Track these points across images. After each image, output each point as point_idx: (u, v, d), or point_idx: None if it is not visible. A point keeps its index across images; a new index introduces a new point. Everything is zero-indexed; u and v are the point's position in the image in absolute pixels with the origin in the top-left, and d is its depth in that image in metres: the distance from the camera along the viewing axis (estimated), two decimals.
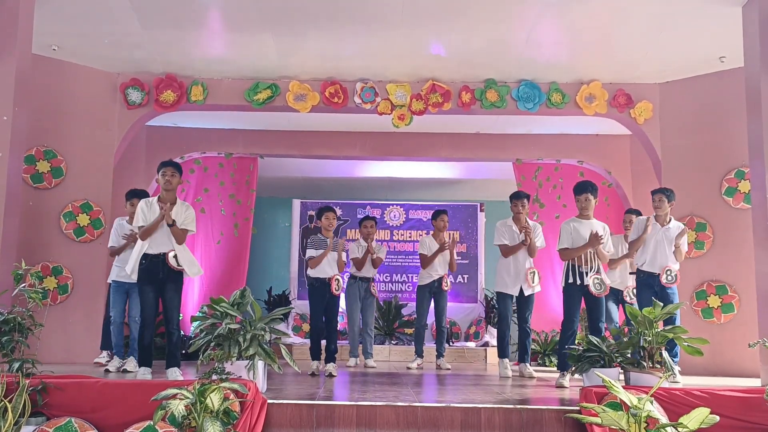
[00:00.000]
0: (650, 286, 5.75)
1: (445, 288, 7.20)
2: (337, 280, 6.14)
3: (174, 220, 5.01)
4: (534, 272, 6.28)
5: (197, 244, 8.80)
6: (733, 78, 6.21)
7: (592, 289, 5.36)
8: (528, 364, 6.29)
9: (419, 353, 7.32)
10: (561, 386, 5.39)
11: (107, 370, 5.69)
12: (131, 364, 5.85)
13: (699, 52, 6.22)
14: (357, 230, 8.07)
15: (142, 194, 6.10)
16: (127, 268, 5.18)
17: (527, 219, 6.42)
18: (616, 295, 6.47)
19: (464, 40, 6.11)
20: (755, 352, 4.89)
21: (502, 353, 6.38)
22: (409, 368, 7.08)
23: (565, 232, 5.49)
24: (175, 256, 5.01)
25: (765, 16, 5.05)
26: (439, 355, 7.24)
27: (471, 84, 6.93)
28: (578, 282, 5.39)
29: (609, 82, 6.92)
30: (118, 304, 5.97)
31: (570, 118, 7.42)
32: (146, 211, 5.08)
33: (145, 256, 5.02)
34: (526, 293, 6.26)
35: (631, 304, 6.16)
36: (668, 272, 5.74)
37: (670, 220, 5.90)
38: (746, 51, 5.35)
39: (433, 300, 7.22)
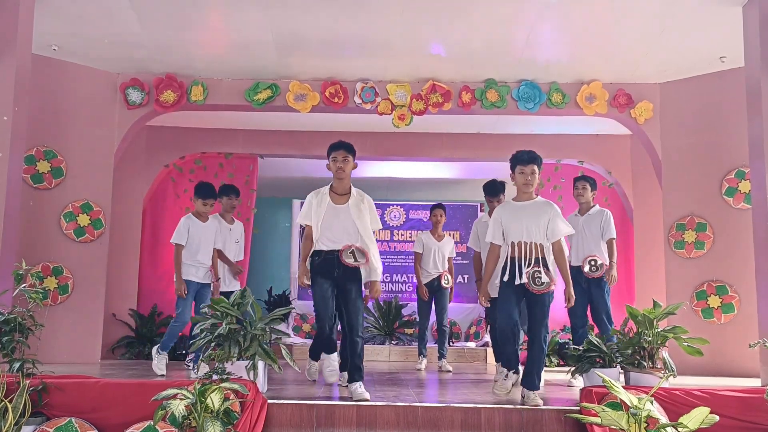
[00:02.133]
0: (577, 282, 5.42)
1: (445, 285, 7.02)
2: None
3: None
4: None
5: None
6: (733, 78, 6.21)
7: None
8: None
9: (422, 353, 7.20)
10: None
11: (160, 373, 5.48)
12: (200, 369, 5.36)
13: (699, 52, 6.22)
14: None
15: (225, 191, 6.14)
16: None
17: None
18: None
19: (464, 40, 6.11)
20: (755, 352, 4.89)
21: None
22: (419, 369, 6.99)
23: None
24: (353, 252, 4.46)
25: (765, 16, 5.05)
26: (441, 355, 7.10)
27: (471, 84, 6.93)
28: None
29: (609, 82, 6.92)
30: (186, 304, 5.61)
31: (570, 118, 7.41)
32: (314, 204, 4.59)
33: (318, 252, 4.56)
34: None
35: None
36: (591, 262, 5.58)
37: (591, 207, 5.84)
38: (746, 51, 5.35)
39: (433, 299, 7.09)
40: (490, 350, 8.57)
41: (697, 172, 6.57)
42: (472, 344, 9.13)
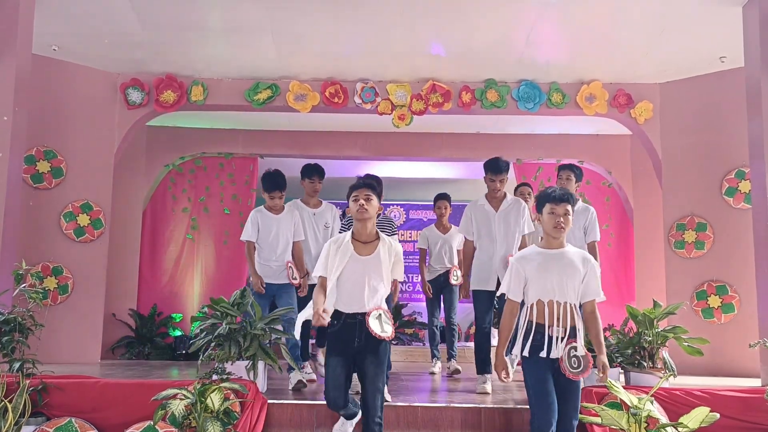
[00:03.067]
0: None
1: (453, 282, 6.56)
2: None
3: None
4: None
5: (199, 244, 8.81)
6: (733, 78, 6.21)
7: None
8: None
9: (435, 354, 6.77)
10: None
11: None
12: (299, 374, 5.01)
13: (699, 52, 6.22)
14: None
15: (307, 172, 5.66)
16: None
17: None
18: None
19: (464, 40, 6.11)
20: (755, 352, 4.89)
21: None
22: (432, 373, 6.58)
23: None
24: (380, 317, 3.65)
25: (765, 16, 5.05)
26: (450, 356, 6.57)
27: (471, 84, 6.93)
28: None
29: (609, 82, 6.91)
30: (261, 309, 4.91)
31: (570, 118, 7.41)
32: (332, 253, 3.72)
33: (336, 315, 3.69)
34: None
35: None
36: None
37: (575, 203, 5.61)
38: (746, 51, 5.35)
39: (442, 296, 6.69)
40: (492, 351, 8.56)
41: (697, 172, 6.56)
42: (472, 344, 9.11)
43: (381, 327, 3.59)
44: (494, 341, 8.31)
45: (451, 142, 8.65)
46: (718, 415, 3.51)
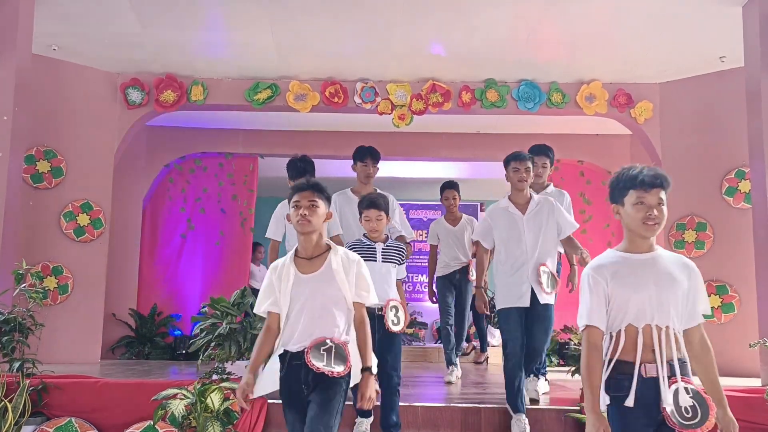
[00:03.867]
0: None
1: (472, 279, 5.88)
2: (395, 307, 4.04)
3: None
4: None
5: (198, 244, 8.81)
6: (733, 78, 6.21)
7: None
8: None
9: (452, 361, 5.90)
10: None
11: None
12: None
13: (699, 52, 6.22)
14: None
15: (360, 155, 4.96)
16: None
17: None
18: None
19: (464, 40, 6.11)
20: (755, 352, 4.89)
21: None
22: (449, 382, 5.72)
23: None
24: (328, 350, 2.81)
25: (765, 16, 5.05)
26: (483, 348, 6.32)
27: (471, 84, 6.93)
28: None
29: (609, 82, 6.91)
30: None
31: (570, 117, 7.41)
32: (275, 280, 2.93)
33: (282, 356, 2.91)
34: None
35: None
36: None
37: (547, 187, 5.23)
38: (746, 51, 5.35)
39: (455, 293, 6.05)
40: (490, 350, 8.56)
41: (697, 172, 6.56)
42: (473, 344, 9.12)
43: (327, 360, 2.74)
44: (493, 341, 8.37)
45: (451, 142, 8.64)
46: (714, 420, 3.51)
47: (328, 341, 2.78)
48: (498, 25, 5.82)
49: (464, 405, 4.36)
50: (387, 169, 9.86)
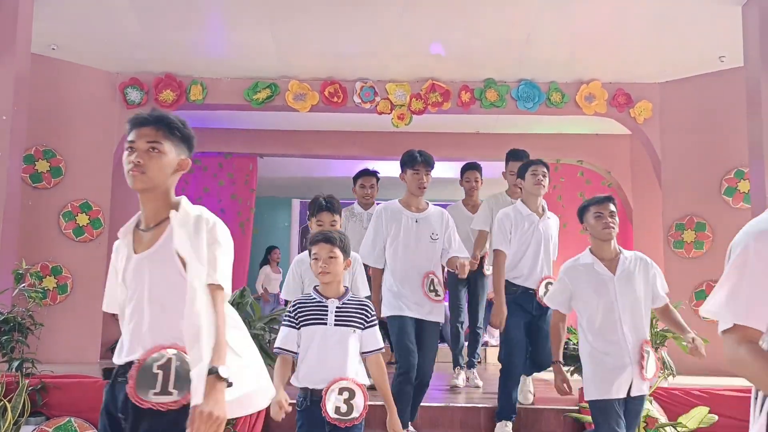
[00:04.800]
0: (524, 309, 4.33)
1: (487, 272, 5.37)
2: (347, 390, 2.86)
3: None
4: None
5: None
6: (733, 78, 6.20)
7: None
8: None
9: (458, 362, 5.52)
10: None
11: None
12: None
13: (699, 52, 6.22)
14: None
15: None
16: None
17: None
18: None
19: (464, 39, 6.11)
20: None
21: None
22: (456, 386, 5.35)
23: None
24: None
25: (765, 16, 5.05)
26: (471, 363, 5.54)
27: (471, 84, 6.93)
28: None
29: (609, 82, 6.91)
30: None
31: (570, 117, 7.41)
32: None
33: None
34: None
35: None
36: (549, 286, 4.16)
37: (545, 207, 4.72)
38: (746, 51, 5.34)
39: (467, 290, 5.51)
40: (490, 350, 8.56)
41: (697, 172, 6.56)
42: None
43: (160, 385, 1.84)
44: (492, 340, 8.34)
45: (450, 142, 8.64)
46: (716, 417, 3.52)
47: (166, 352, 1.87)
48: (498, 25, 5.82)
49: (464, 405, 4.36)
50: (387, 169, 9.85)
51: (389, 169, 9.80)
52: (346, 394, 2.69)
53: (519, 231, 4.21)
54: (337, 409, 2.70)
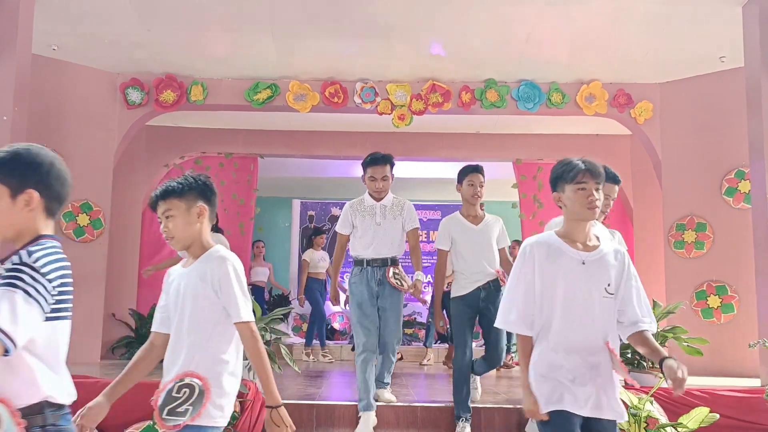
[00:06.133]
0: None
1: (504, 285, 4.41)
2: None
3: None
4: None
5: None
6: (733, 78, 6.21)
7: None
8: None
9: (460, 413, 4.30)
10: None
11: None
12: None
13: (699, 52, 6.22)
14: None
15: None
16: None
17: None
18: None
19: (464, 40, 6.11)
20: (755, 352, 4.89)
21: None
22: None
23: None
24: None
25: (765, 16, 5.05)
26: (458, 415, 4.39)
27: (471, 84, 6.93)
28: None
29: (609, 82, 6.91)
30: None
31: (570, 117, 7.41)
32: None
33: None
34: None
35: None
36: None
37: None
38: (746, 51, 5.35)
39: (480, 317, 4.52)
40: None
41: (697, 172, 6.56)
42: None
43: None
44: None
45: (451, 142, 8.64)
46: (717, 416, 3.52)
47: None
48: (498, 25, 5.82)
49: None
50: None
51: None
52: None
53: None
54: None
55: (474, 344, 4.60)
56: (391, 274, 4.46)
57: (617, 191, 3.64)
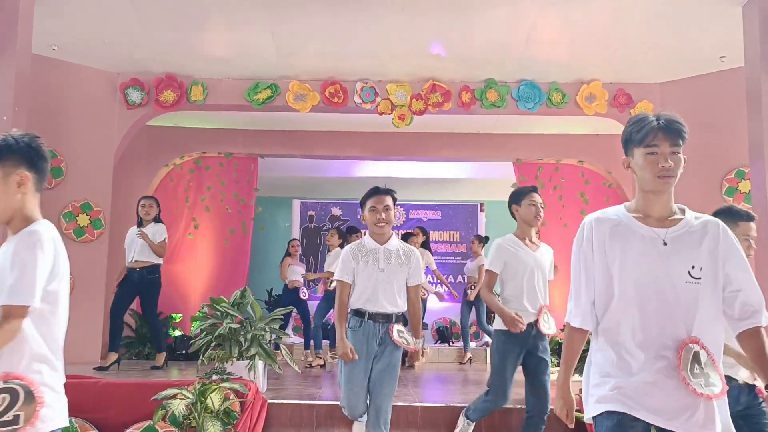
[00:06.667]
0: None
1: (546, 331, 3.91)
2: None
3: None
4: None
5: (199, 244, 8.80)
6: (733, 78, 6.21)
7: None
8: None
9: None
10: None
11: None
12: None
13: (699, 52, 6.22)
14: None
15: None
16: None
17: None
18: None
19: (464, 40, 6.11)
20: None
21: None
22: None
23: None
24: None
25: (765, 16, 5.06)
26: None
27: (471, 84, 6.93)
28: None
29: (609, 82, 6.92)
30: None
31: (570, 117, 7.41)
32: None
33: None
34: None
35: None
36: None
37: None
38: (746, 51, 5.35)
39: (523, 358, 3.95)
40: (490, 350, 8.56)
41: (697, 172, 6.53)
42: (472, 344, 9.12)
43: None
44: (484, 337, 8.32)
45: (451, 142, 8.65)
46: None
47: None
48: (498, 25, 5.82)
49: (464, 405, 4.35)
50: (387, 168, 9.88)
51: (390, 169, 9.85)
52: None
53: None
54: None
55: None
56: (395, 333, 3.69)
57: (754, 229, 3.06)
